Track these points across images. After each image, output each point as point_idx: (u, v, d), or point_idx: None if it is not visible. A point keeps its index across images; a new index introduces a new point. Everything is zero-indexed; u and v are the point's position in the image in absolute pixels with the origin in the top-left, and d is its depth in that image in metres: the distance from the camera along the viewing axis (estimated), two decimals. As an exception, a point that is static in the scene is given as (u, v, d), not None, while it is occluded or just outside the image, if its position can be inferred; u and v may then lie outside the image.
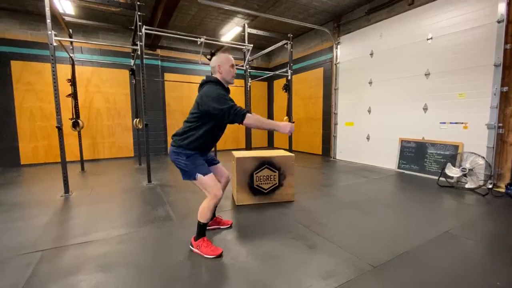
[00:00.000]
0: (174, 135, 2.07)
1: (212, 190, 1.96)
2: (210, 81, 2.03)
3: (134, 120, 5.87)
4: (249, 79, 5.10)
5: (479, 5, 3.87)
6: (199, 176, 1.96)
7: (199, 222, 2.01)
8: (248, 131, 5.09)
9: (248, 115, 1.88)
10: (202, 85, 2.06)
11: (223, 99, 1.88)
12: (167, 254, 2.01)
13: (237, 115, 1.85)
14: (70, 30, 5.04)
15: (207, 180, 1.97)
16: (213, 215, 2.45)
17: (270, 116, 9.46)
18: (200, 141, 2.00)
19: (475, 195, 3.46)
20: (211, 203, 1.96)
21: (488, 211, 2.88)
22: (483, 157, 3.77)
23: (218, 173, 2.29)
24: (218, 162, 2.33)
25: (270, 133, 9.54)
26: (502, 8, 3.62)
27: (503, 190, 3.59)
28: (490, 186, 3.60)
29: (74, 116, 4.96)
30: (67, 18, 4.99)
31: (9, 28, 5.69)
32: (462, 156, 4.02)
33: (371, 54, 5.53)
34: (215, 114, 1.88)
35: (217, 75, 2.06)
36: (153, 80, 7.07)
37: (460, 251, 2.03)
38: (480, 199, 3.29)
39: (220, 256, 1.94)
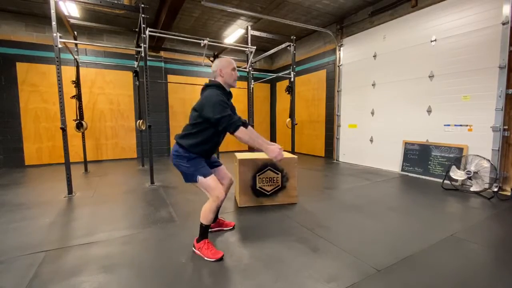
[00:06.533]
0: (177, 137, 2.07)
1: (214, 192, 1.94)
2: (211, 85, 2.03)
3: (138, 122, 5.90)
4: (252, 81, 5.10)
5: (484, 7, 3.85)
6: (200, 178, 1.96)
7: (201, 224, 2.00)
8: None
9: (241, 128, 1.87)
10: (203, 89, 2.07)
11: (221, 106, 1.86)
12: (169, 256, 2.00)
13: (230, 125, 1.86)
14: (75, 32, 5.09)
15: (208, 182, 1.96)
16: (216, 216, 2.45)
17: (273, 118, 9.46)
18: (203, 146, 2.02)
19: (480, 198, 3.42)
20: (213, 205, 1.95)
21: (493, 215, 2.84)
22: (488, 160, 3.73)
23: (220, 175, 2.28)
24: (221, 165, 2.32)
25: (273, 135, 9.53)
26: (507, 10, 3.59)
27: (508, 193, 3.55)
28: (496, 189, 3.55)
29: (78, 118, 4.99)
30: (72, 21, 5.04)
31: (15, 30, 5.76)
32: (467, 158, 3.98)
33: (374, 56, 5.51)
34: (211, 121, 1.89)
35: (219, 79, 2.05)
36: (157, 82, 7.11)
37: (465, 255, 2.00)
38: (485, 203, 3.25)
39: (220, 260, 1.93)
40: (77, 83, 5.00)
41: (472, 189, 3.70)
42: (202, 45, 4.41)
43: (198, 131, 1.98)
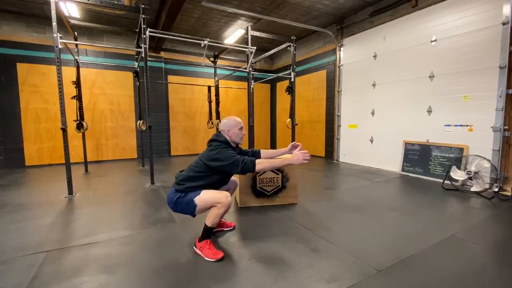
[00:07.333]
0: (178, 178, 2.06)
1: (218, 201, 1.92)
2: (217, 140, 2.09)
3: (138, 122, 5.90)
4: (252, 81, 5.10)
5: (484, 7, 3.85)
6: (196, 199, 1.94)
7: (205, 225, 2.00)
8: (250, 133, 5.10)
9: (257, 162, 1.94)
10: (210, 141, 2.13)
11: (229, 156, 1.95)
12: (169, 256, 2.00)
13: (248, 168, 1.92)
14: (75, 33, 5.09)
15: (206, 196, 1.95)
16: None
17: (273, 118, 9.46)
18: (208, 188, 2.03)
19: (481, 199, 3.41)
20: (221, 211, 1.94)
21: (494, 215, 2.84)
22: (489, 160, 3.73)
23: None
24: None
25: (273, 136, 9.54)
26: (507, 10, 3.59)
27: (509, 193, 3.55)
28: (496, 190, 3.55)
29: (79, 118, 4.99)
30: (72, 21, 5.04)
31: (15, 31, 5.77)
32: (467, 159, 3.98)
33: (375, 56, 5.52)
34: (225, 170, 1.98)
35: (226, 137, 2.13)
36: (157, 82, 7.12)
37: (466, 255, 2.00)
38: (486, 203, 3.25)
39: (220, 260, 1.93)
40: (77, 83, 5.01)
41: (472, 189, 3.70)
42: (202, 45, 4.41)
43: (203, 175, 2.02)
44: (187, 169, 2.11)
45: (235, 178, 2.44)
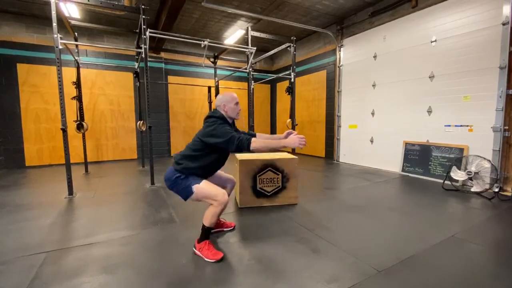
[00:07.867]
0: (176, 157, 2.06)
1: (216, 198, 1.91)
2: (214, 116, 2.08)
3: (138, 122, 5.91)
4: (252, 81, 5.11)
5: (484, 7, 3.85)
6: (194, 187, 1.94)
7: (203, 225, 2.00)
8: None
9: (253, 140, 1.90)
10: (206, 118, 2.11)
11: (225, 132, 1.93)
12: (170, 257, 2.00)
13: (243, 145, 1.89)
14: (76, 33, 5.10)
15: (205, 187, 1.95)
16: (217, 217, 2.45)
17: (273, 118, 9.46)
18: (205, 169, 2.04)
19: (481, 199, 3.41)
20: (217, 210, 1.93)
21: (494, 215, 2.84)
22: (489, 160, 3.73)
23: (222, 180, 2.30)
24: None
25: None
26: (507, 10, 3.59)
27: (509, 194, 3.54)
28: (496, 190, 3.55)
29: (79, 118, 5.00)
30: (72, 22, 5.05)
31: (15, 32, 5.77)
32: (467, 159, 3.98)
33: (375, 57, 5.52)
34: (220, 147, 1.96)
35: (222, 113, 2.11)
36: (157, 83, 7.12)
37: (466, 255, 2.00)
38: (486, 203, 3.25)
39: (220, 261, 1.92)
40: (77, 84, 5.01)
41: (472, 189, 3.69)
42: (202, 46, 4.42)
43: (200, 155, 2.01)
44: (185, 148, 2.10)
45: (233, 177, 2.44)
